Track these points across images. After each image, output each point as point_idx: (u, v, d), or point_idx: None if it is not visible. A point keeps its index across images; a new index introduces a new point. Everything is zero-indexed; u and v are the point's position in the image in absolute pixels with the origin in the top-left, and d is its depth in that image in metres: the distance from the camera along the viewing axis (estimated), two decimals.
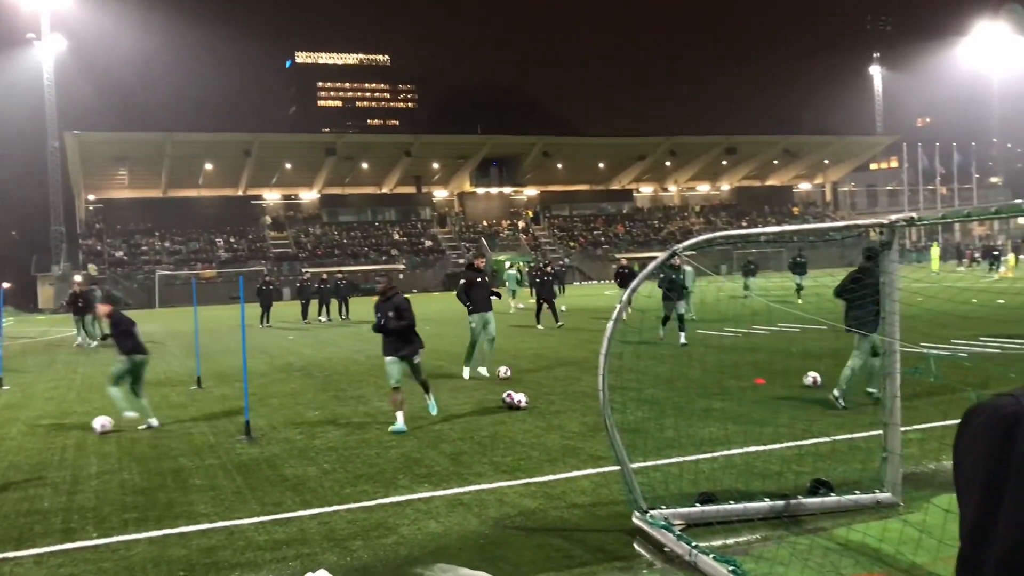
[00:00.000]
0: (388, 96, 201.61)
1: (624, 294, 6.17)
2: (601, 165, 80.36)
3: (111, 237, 66.24)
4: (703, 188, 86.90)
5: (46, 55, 59.73)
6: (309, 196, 74.82)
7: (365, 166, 72.99)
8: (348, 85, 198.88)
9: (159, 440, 9.80)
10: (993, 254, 41.18)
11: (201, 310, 18.77)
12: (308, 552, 5.66)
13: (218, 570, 5.42)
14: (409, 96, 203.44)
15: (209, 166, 67.85)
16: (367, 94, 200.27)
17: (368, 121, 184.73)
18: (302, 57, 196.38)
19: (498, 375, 13.28)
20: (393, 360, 9.70)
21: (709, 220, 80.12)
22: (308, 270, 52.05)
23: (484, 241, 70.67)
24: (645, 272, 6.15)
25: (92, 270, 58.45)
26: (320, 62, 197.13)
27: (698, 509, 5.85)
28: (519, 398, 10.64)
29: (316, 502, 6.84)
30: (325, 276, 32.47)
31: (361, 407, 11.38)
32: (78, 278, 31.06)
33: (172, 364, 18.40)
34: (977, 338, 14.54)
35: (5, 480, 8.16)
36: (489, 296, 13.79)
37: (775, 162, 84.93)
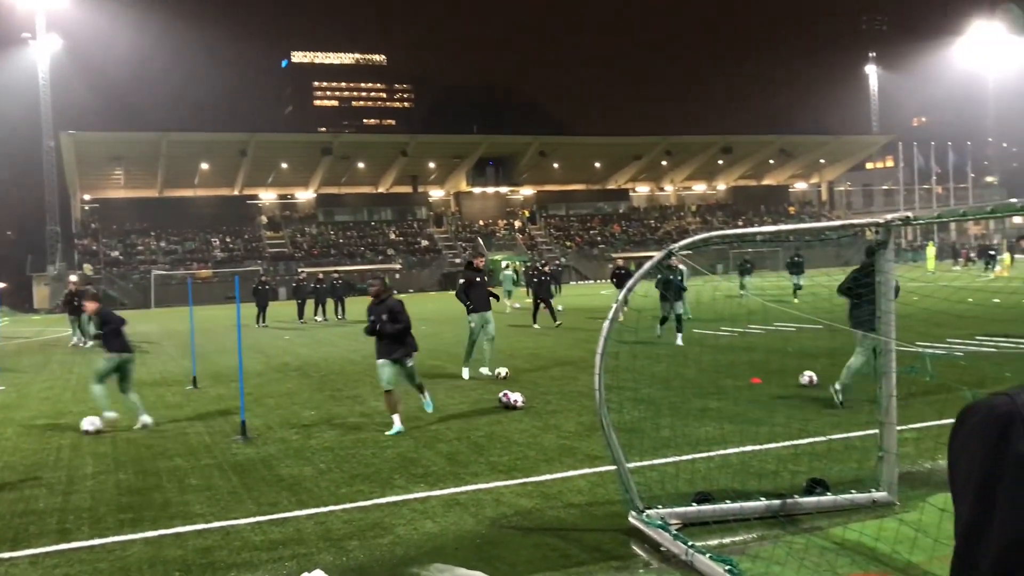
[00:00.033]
0: (384, 96, 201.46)
1: (620, 294, 6.18)
2: (597, 165, 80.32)
3: (107, 237, 66.09)
4: (699, 188, 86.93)
5: (41, 55, 59.58)
6: (305, 196, 74.69)
7: (361, 166, 72.90)
8: (344, 85, 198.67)
9: (155, 440, 9.79)
10: (989, 253, 41.19)
11: (197, 310, 18.76)
12: (304, 552, 5.66)
13: (214, 570, 5.41)
14: (405, 96, 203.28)
15: (205, 166, 67.69)
16: (363, 94, 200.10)
17: (364, 121, 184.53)
18: (298, 57, 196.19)
19: (499, 375, 13.29)
20: (385, 363, 9.65)
21: (705, 219, 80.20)
22: (304, 270, 52.00)
23: (480, 241, 70.62)
24: (641, 272, 6.15)
25: (88, 270, 58.36)
26: (316, 62, 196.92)
27: (694, 508, 5.86)
28: (515, 398, 10.64)
29: (312, 502, 6.83)
30: (321, 276, 32.35)
31: (357, 407, 11.38)
32: (74, 278, 31.03)
33: (168, 364, 18.39)
34: (973, 337, 14.58)
35: (0, 481, 8.14)
36: (488, 296, 13.80)
37: (771, 161, 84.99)
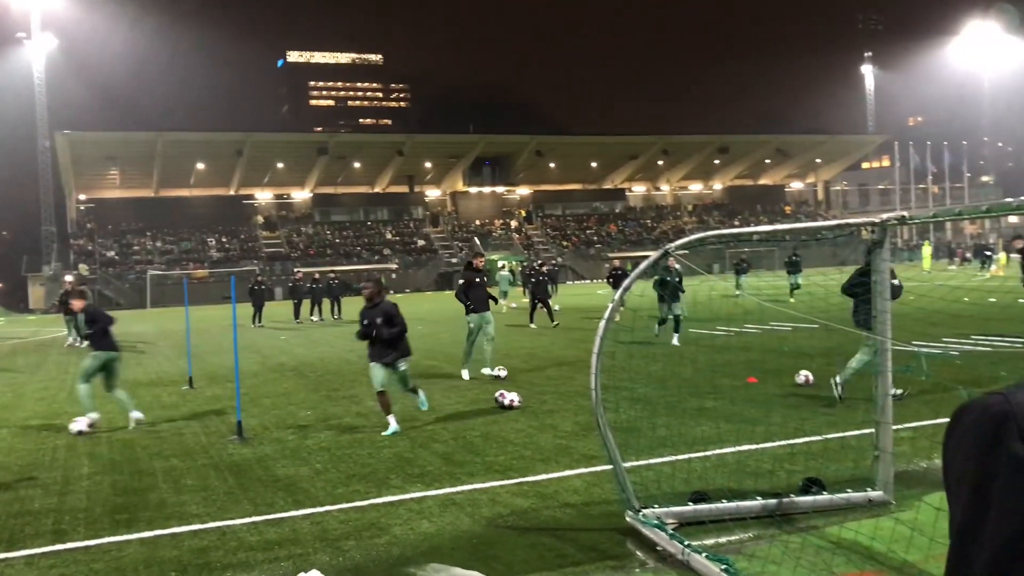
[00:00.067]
0: (380, 95, 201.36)
1: (616, 294, 6.18)
2: (594, 164, 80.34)
3: (102, 237, 65.98)
4: (695, 187, 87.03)
5: (37, 54, 59.43)
6: (301, 195, 74.63)
7: (357, 165, 72.85)
8: (340, 84, 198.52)
9: (150, 440, 9.77)
10: (984, 253, 41.29)
11: (193, 310, 18.73)
12: (300, 552, 5.65)
13: (210, 571, 5.40)
14: (401, 95, 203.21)
15: (201, 165, 67.58)
16: (359, 93, 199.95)
17: (360, 120, 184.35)
18: (294, 56, 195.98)
19: (499, 376, 13.28)
20: (377, 365, 9.61)
21: (702, 219, 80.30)
22: (300, 270, 51.88)
23: (477, 240, 70.61)
24: (637, 271, 6.15)
25: (83, 270, 58.20)
26: (312, 61, 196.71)
27: (691, 508, 5.86)
28: (512, 398, 10.63)
29: (308, 502, 6.82)
30: (317, 276, 32.32)
31: (353, 407, 11.37)
32: (69, 278, 31.01)
33: (163, 364, 18.36)
34: (968, 336, 14.61)
35: None
36: (487, 297, 13.78)
37: (767, 161, 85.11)
